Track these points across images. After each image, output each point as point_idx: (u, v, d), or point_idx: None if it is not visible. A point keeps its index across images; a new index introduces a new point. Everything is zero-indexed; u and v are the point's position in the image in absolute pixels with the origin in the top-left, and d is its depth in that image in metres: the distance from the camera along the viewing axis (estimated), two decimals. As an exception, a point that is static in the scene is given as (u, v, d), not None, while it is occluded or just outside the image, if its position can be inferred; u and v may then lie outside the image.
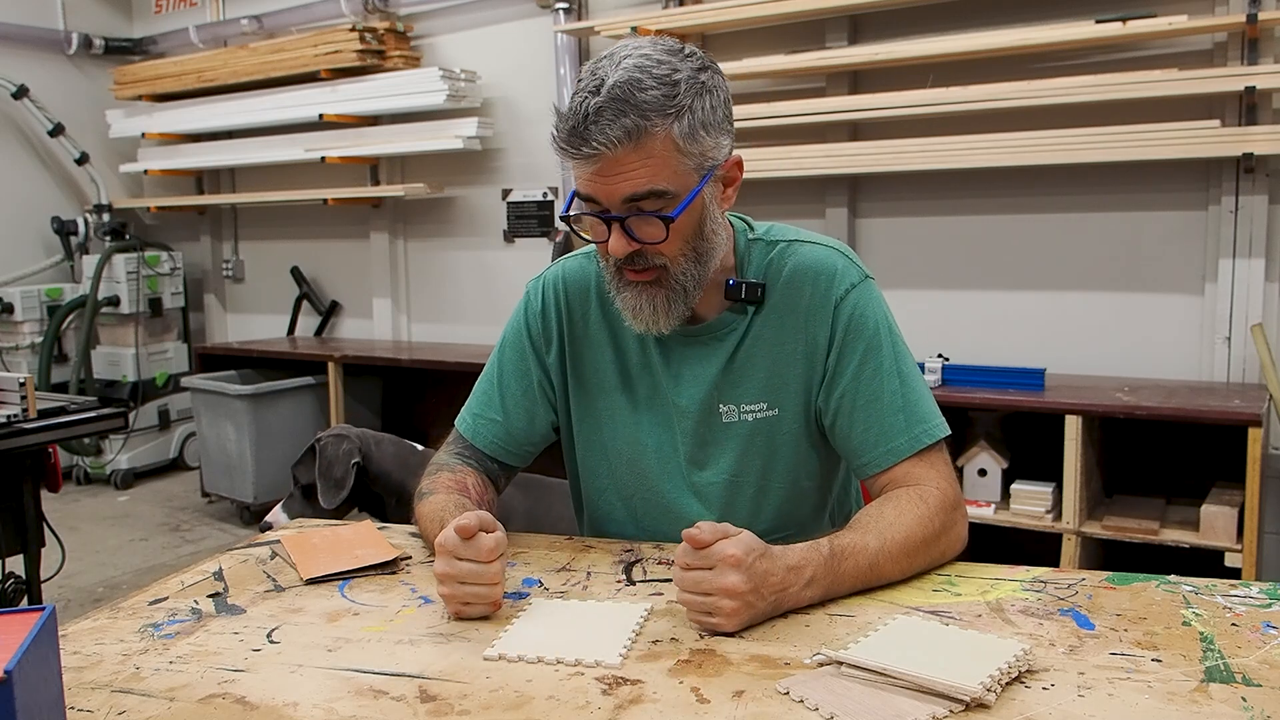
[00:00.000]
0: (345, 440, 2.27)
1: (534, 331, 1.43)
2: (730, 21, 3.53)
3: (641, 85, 1.15)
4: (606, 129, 1.14)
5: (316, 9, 4.67)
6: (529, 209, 4.34)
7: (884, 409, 1.29)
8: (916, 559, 1.20)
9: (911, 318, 3.39)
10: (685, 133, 1.17)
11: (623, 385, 1.39)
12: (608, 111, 1.14)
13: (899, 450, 1.28)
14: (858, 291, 1.32)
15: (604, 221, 1.21)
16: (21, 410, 2.29)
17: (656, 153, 1.16)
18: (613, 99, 1.14)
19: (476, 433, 1.44)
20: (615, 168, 1.16)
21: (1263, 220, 2.90)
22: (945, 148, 3.14)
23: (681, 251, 1.24)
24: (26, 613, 0.83)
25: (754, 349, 1.34)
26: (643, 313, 1.26)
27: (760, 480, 1.36)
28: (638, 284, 1.25)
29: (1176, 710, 0.87)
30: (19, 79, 5.01)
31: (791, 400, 1.34)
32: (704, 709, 0.90)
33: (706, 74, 1.21)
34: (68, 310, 4.95)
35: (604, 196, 1.19)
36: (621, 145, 1.14)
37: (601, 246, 1.25)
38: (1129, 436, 3.01)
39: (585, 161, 1.17)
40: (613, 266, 1.27)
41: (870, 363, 1.30)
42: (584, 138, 1.15)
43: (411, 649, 1.05)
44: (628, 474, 1.41)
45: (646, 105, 1.15)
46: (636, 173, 1.17)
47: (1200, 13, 2.91)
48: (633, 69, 1.16)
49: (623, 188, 1.17)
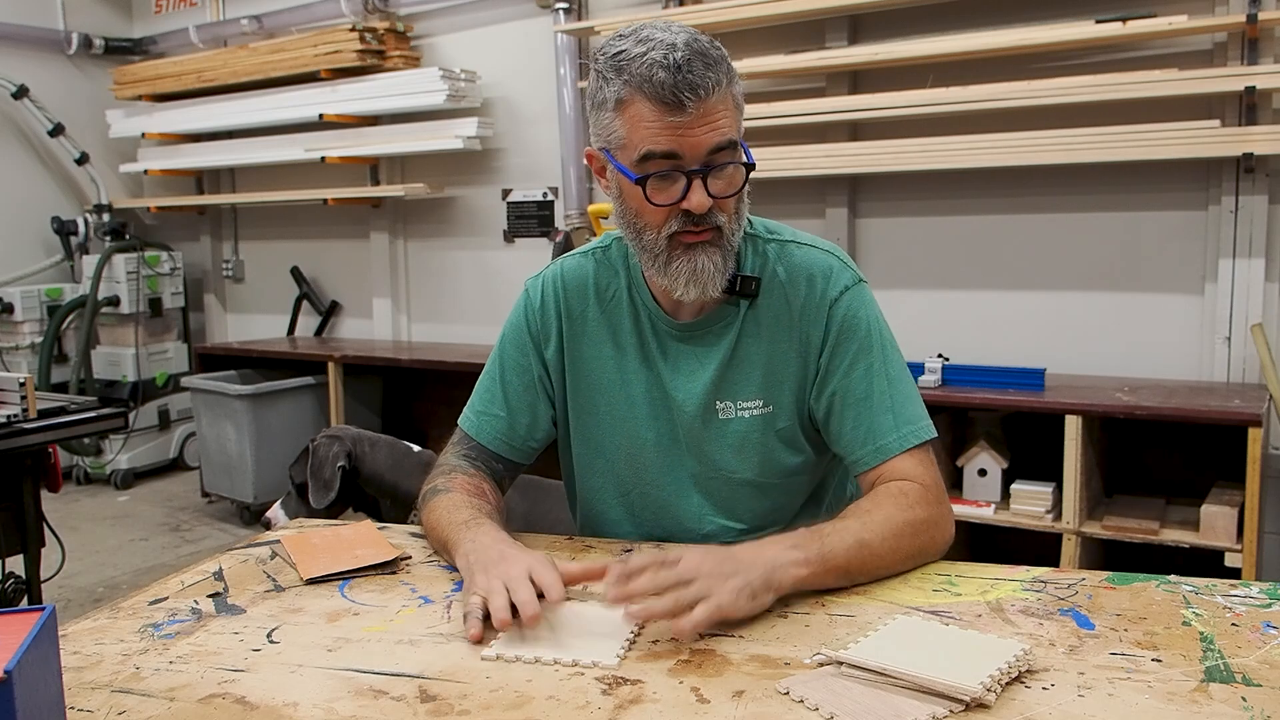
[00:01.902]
0: (337, 442, 2.27)
1: (533, 327, 1.44)
2: (730, 21, 3.53)
3: (705, 47, 1.21)
4: (705, 76, 1.18)
5: (316, 9, 4.67)
6: (529, 209, 4.34)
7: (873, 408, 1.31)
8: (903, 541, 1.20)
9: (911, 318, 3.40)
10: (739, 93, 1.25)
11: (621, 381, 1.41)
12: (698, 62, 1.18)
13: (887, 448, 1.30)
14: (852, 293, 1.35)
15: (684, 177, 1.21)
16: (21, 410, 2.29)
17: (732, 105, 1.22)
18: (696, 53, 1.19)
19: (480, 430, 1.44)
20: (708, 116, 1.19)
21: (1263, 220, 2.90)
22: (945, 148, 3.14)
23: (736, 209, 1.28)
24: (26, 613, 0.83)
25: (751, 347, 1.36)
26: (703, 272, 1.26)
27: (757, 476, 1.38)
28: (695, 245, 1.26)
29: (1176, 710, 0.87)
30: (19, 79, 5.01)
31: (786, 398, 1.36)
32: (704, 709, 0.90)
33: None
34: (68, 310, 4.95)
35: (689, 149, 1.20)
36: (714, 91, 1.19)
37: (660, 212, 1.24)
38: (1129, 436, 3.01)
39: (678, 113, 1.18)
40: (665, 236, 1.26)
41: (861, 363, 1.33)
42: (688, 84, 1.17)
43: (411, 649, 1.05)
44: (626, 470, 1.42)
45: (720, 62, 1.21)
46: (722, 122, 1.20)
47: (1200, 13, 2.91)
48: (690, 34, 1.22)
49: (712, 137, 1.20)
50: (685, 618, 1.02)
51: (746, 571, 1.07)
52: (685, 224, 1.24)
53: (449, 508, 1.30)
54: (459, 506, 1.30)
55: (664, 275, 1.28)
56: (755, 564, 1.08)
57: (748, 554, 1.10)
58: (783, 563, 1.10)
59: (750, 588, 1.06)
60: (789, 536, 1.15)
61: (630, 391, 1.40)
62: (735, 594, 1.05)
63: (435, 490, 1.36)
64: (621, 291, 1.40)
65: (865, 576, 1.18)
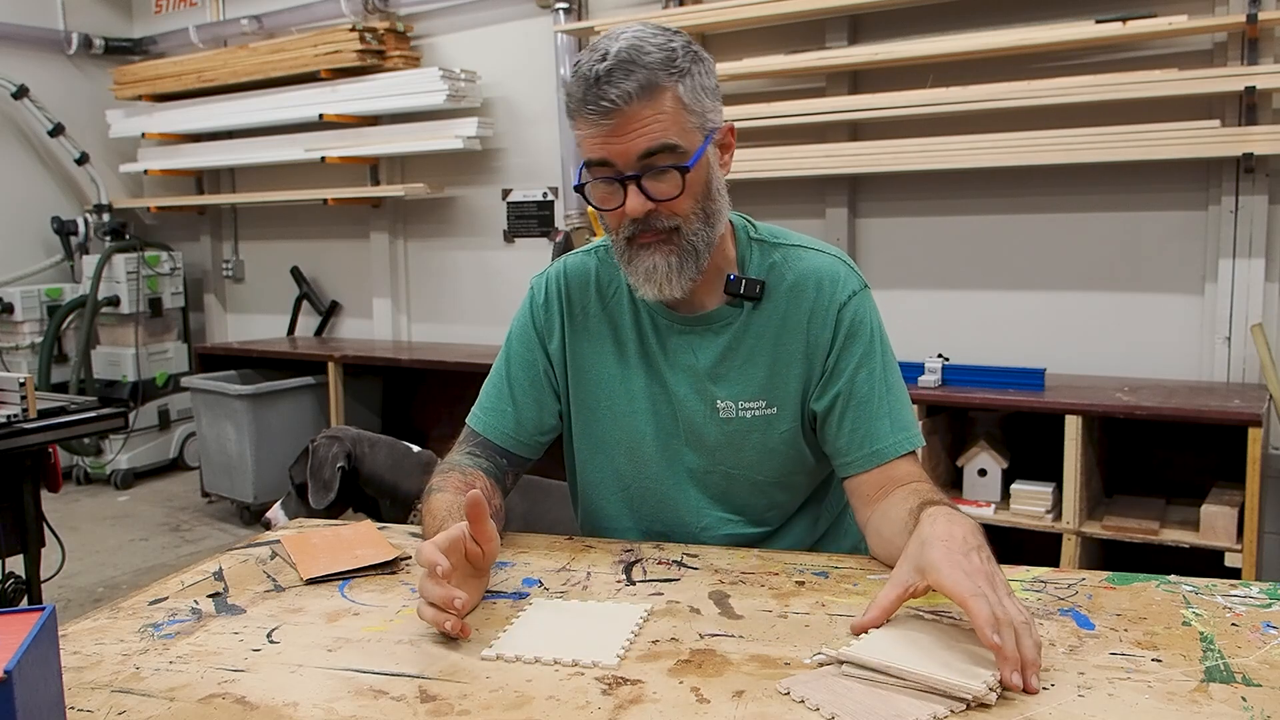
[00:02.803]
0: (337, 442, 2.28)
1: (538, 323, 1.47)
2: (730, 21, 3.54)
3: (644, 50, 1.21)
4: (621, 83, 1.19)
5: (316, 9, 4.67)
6: (529, 209, 4.34)
7: (872, 413, 1.33)
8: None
9: (911, 318, 3.41)
10: (688, 90, 1.23)
11: (621, 377, 1.42)
12: (618, 71, 1.19)
13: (884, 453, 1.32)
14: (859, 298, 1.37)
15: (620, 184, 1.24)
16: (21, 410, 2.29)
17: (666, 108, 1.21)
18: (621, 61, 1.20)
19: (487, 425, 1.46)
20: (629, 124, 1.20)
21: (1263, 220, 2.90)
22: (945, 148, 3.14)
23: (693, 210, 1.27)
24: (26, 613, 0.83)
25: (755, 347, 1.37)
26: (657, 273, 1.28)
27: (755, 474, 1.40)
28: (650, 245, 1.27)
29: (1176, 710, 0.87)
30: (19, 79, 5.01)
31: (790, 400, 1.37)
32: (704, 709, 0.90)
33: (695, 46, 1.28)
34: (68, 310, 4.95)
35: (618, 156, 1.22)
36: (635, 99, 1.19)
37: (613, 216, 1.27)
38: (1129, 436, 3.01)
39: (600, 120, 1.20)
40: (623, 238, 1.28)
41: (865, 367, 1.35)
42: (601, 95, 1.19)
43: (411, 649, 1.05)
44: (626, 464, 1.43)
45: (652, 64, 1.21)
46: (650, 127, 1.21)
47: (1200, 13, 2.91)
48: (632, 38, 1.23)
49: (638, 143, 1.21)
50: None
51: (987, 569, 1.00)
52: (635, 227, 1.27)
53: (434, 509, 1.31)
54: (442, 507, 1.30)
55: (628, 274, 1.32)
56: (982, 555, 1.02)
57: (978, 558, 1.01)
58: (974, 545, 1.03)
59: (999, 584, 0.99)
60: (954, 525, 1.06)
61: (630, 386, 1.41)
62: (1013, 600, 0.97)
63: (430, 490, 1.38)
64: (622, 288, 1.41)
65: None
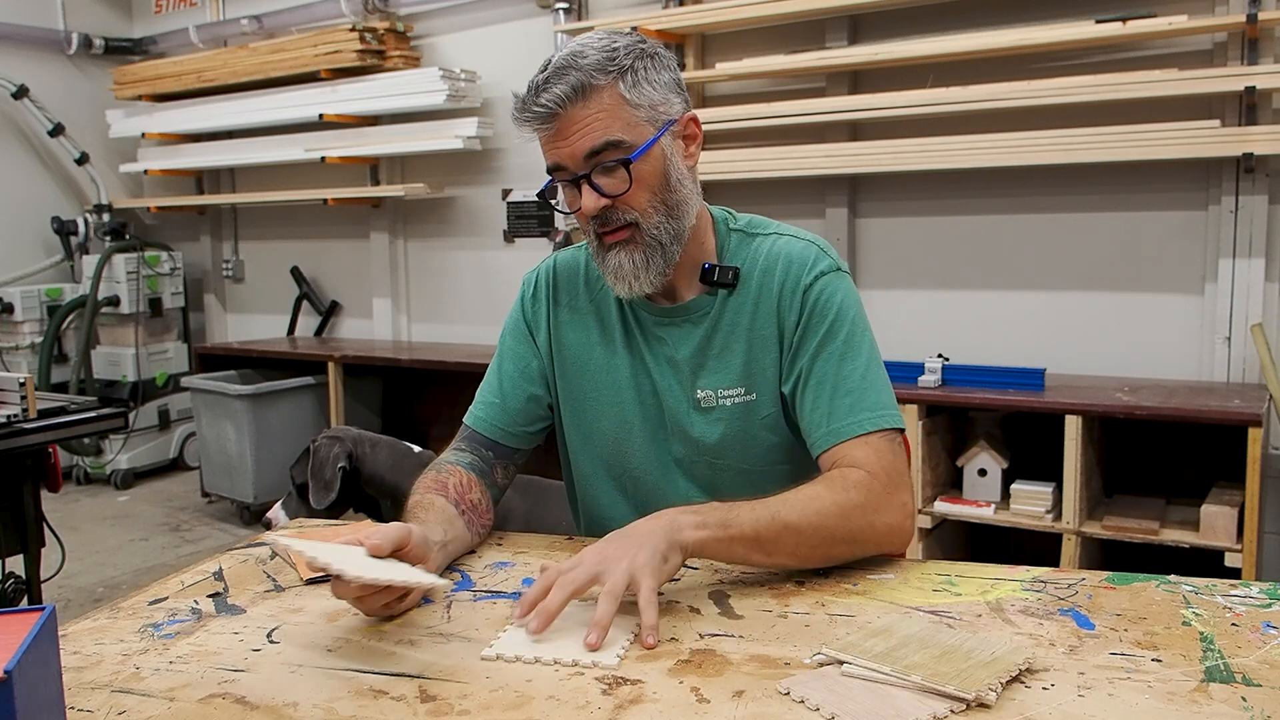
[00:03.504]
0: (338, 443, 2.28)
1: (528, 316, 1.49)
2: (730, 21, 3.54)
3: (582, 55, 1.25)
4: (554, 88, 1.24)
5: (316, 9, 4.67)
6: (529, 209, 4.34)
7: (834, 391, 1.31)
8: (829, 520, 1.18)
9: (911, 318, 3.41)
10: (630, 86, 1.26)
11: (608, 365, 1.43)
12: (554, 78, 1.24)
13: (840, 432, 1.29)
14: (828, 279, 1.36)
15: (574, 185, 1.28)
16: (21, 410, 2.29)
17: (605, 105, 1.25)
18: (557, 69, 1.25)
19: (476, 418, 1.48)
20: (570, 126, 1.25)
21: (1263, 220, 2.90)
22: (945, 148, 3.14)
23: (650, 204, 1.30)
24: (26, 613, 0.83)
25: (731, 335, 1.38)
26: (623, 270, 1.31)
27: (740, 462, 1.40)
28: (614, 245, 1.31)
29: (1176, 710, 0.87)
30: (19, 79, 5.01)
31: (768, 384, 1.38)
32: (704, 709, 0.90)
33: (647, 44, 1.30)
34: (68, 310, 4.95)
35: (568, 159, 1.26)
36: (570, 103, 1.24)
37: (580, 217, 1.32)
38: (1129, 436, 3.01)
39: (542, 126, 1.26)
40: (593, 235, 1.32)
41: (828, 346, 1.33)
42: (534, 101, 1.25)
43: (411, 649, 1.05)
44: (614, 454, 1.45)
45: (588, 65, 1.24)
46: (590, 126, 1.24)
47: (1200, 13, 2.91)
48: (575, 46, 1.27)
49: (581, 144, 1.25)
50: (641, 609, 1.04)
51: (648, 539, 1.10)
52: (596, 224, 1.30)
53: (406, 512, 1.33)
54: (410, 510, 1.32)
55: (601, 272, 1.35)
56: (654, 531, 1.11)
57: (643, 526, 1.13)
58: (680, 524, 1.13)
59: (658, 552, 1.09)
60: (690, 507, 1.18)
61: (616, 376, 1.43)
62: (649, 563, 1.07)
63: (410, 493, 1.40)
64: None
65: (786, 554, 1.18)
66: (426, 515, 1.28)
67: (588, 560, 1.08)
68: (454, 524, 1.31)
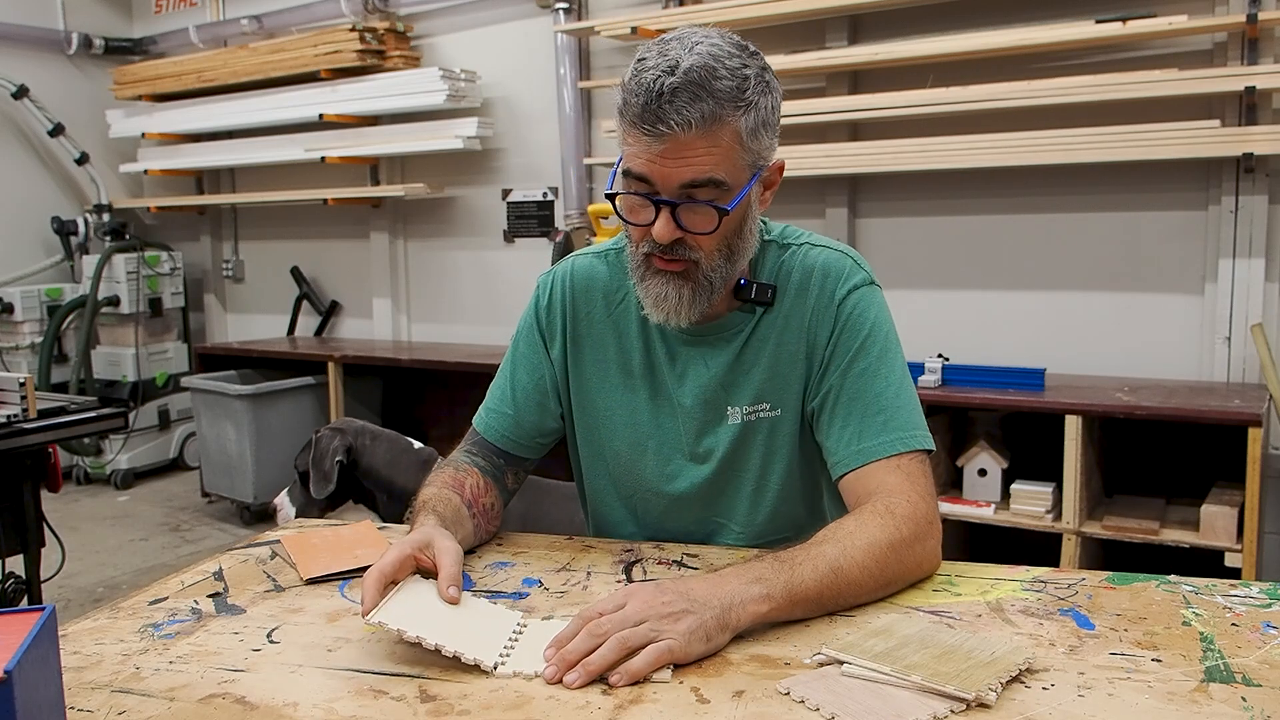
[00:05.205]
0: (339, 435, 2.34)
1: (542, 324, 1.44)
2: (730, 21, 3.53)
3: (716, 74, 1.14)
4: (684, 109, 1.13)
5: (316, 9, 4.67)
6: (529, 209, 4.34)
7: (865, 409, 1.27)
8: (887, 567, 1.13)
9: (911, 318, 3.40)
10: (750, 128, 1.17)
11: (625, 385, 1.40)
12: (684, 93, 1.13)
13: (870, 451, 1.25)
14: (861, 293, 1.32)
15: (653, 205, 1.19)
16: (21, 410, 2.29)
17: (723, 143, 1.16)
18: (690, 82, 1.13)
19: (488, 426, 1.45)
20: (682, 151, 1.15)
21: (1263, 220, 2.90)
22: (945, 148, 3.14)
23: (718, 247, 1.23)
24: (26, 613, 0.83)
25: (759, 350, 1.34)
26: (667, 302, 1.24)
27: (758, 479, 1.36)
28: (666, 273, 1.24)
29: (1176, 710, 0.87)
30: (19, 79, 5.01)
31: (792, 400, 1.34)
32: (704, 709, 0.90)
33: (769, 74, 1.21)
34: (68, 310, 4.95)
35: (661, 179, 1.18)
36: (695, 128, 1.14)
37: (638, 230, 1.23)
38: (1129, 436, 3.01)
39: (653, 140, 1.15)
40: (641, 253, 1.25)
41: (860, 362, 1.29)
42: (660, 116, 1.13)
43: (411, 649, 1.05)
44: (626, 475, 1.42)
45: (721, 94, 1.14)
46: (702, 159, 1.16)
47: (1200, 13, 2.91)
48: (707, 56, 1.15)
49: (685, 173, 1.17)
50: (630, 661, 0.96)
51: (700, 611, 1.00)
52: (656, 249, 1.22)
53: (422, 499, 1.32)
54: (426, 501, 1.31)
55: (638, 289, 1.28)
56: (710, 602, 1.01)
57: (703, 590, 1.03)
58: (741, 599, 1.03)
59: (704, 629, 0.99)
60: (753, 566, 1.08)
61: (633, 401, 1.39)
62: (688, 637, 0.98)
63: (424, 485, 1.38)
64: (630, 296, 1.37)
65: (839, 605, 1.11)
66: (444, 509, 1.28)
67: (634, 609, 0.99)
68: (464, 525, 1.30)
